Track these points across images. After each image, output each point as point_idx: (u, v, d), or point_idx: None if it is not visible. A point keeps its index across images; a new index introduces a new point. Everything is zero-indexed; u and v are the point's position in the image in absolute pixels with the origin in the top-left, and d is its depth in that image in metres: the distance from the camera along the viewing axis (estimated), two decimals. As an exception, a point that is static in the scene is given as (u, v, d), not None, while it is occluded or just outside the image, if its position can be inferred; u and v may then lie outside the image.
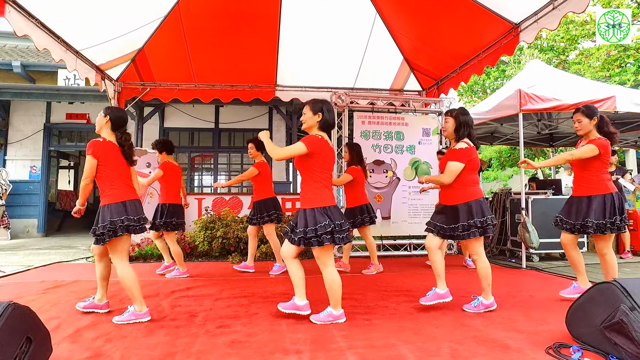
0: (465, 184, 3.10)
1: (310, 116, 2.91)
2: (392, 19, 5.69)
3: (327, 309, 2.86)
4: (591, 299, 2.26)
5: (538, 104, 5.15)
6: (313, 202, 2.81)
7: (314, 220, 2.75)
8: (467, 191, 3.09)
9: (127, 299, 3.51)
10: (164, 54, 6.12)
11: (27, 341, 1.77)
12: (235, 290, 3.78)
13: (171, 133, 9.45)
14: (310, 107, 2.93)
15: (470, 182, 3.12)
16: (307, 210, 2.81)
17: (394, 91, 7.14)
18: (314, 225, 2.73)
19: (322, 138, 2.88)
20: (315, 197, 2.81)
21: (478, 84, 14.25)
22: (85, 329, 2.71)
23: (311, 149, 2.80)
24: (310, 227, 2.74)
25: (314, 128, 2.93)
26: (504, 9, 4.47)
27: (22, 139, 9.31)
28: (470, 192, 3.09)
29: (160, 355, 2.26)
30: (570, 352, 2.18)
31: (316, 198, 2.81)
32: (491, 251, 5.98)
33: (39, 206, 9.25)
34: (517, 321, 2.85)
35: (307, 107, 2.95)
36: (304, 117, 2.95)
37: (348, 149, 4.83)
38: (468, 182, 3.11)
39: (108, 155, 2.90)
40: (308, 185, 2.86)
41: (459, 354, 2.26)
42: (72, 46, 4.99)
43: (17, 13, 3.85)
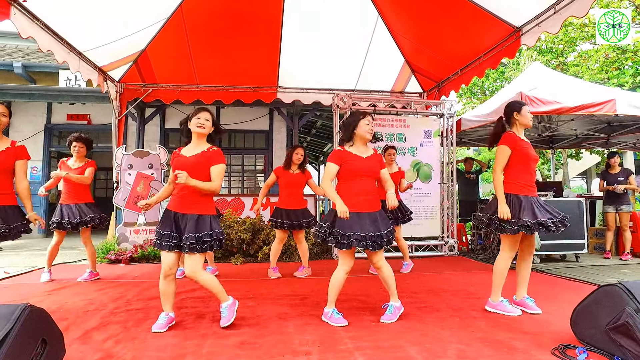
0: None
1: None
2: (394, 21, 5.73)
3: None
4: (596, 301, 2.30)
5: (539, 106, 5.19)
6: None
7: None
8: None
9: (135, 301, 3.54)
10: (166, 56, 6.15)
11: (42, 343, 1.79)
12: (241, 292, 3.80)
13: (172, 134, 9.45)
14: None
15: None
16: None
17: (395, 93, 7.18)
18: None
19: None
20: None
21: (477, 86, 14.32)
22: (94, 331, 2.72)
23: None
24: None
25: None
26: (506, 12, 4.52)
27: (23, 140, 9.28)
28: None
29: (170, 356, 2.28)
30: (575, 353, 2.21)
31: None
32: (492, 253, 6.01)
33: (40, 207, 9.22)
34: (521, 323, 2.88)
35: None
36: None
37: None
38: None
39: None
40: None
41: (466, 355, 2.29)
42: (76, 48, 5.01)
43: (21, 15, 3.87)
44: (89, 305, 3.38)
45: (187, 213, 2.74)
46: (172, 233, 2.69)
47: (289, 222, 4.44)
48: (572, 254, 5.73)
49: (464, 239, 7.08)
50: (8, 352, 1.55)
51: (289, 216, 4.46)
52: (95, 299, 3.61)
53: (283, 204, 4.51)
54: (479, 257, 6.10)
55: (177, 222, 2.73)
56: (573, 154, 12.25)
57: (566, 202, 5.55)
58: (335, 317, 2.88)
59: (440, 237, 6.38)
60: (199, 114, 2.84)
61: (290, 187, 4.51)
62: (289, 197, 4.52)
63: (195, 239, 2.67)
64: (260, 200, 4.53)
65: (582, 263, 5.58)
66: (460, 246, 6.65)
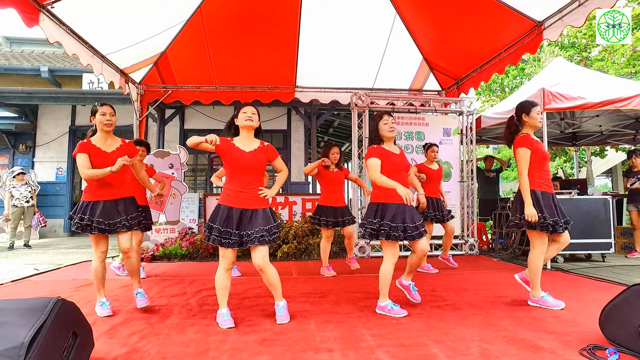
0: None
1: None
2: (412, 19, 5.68)
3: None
4: (627, 300, 2.23)
5: (562, 102, 5.06)
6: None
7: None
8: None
9: (157, 298, 3.61)
10: (186, 57, 6.25)
11: (73, 335, 1.85)
12: (261, 290, 3.84)
13: (191, 134, 9.58)
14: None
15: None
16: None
17: (413, 91, 7.12)
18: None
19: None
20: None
21: (497, 83, 14.05)
22: (119, 326, 2.79)
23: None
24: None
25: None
26: (527, 7, 4.42)
27: (49, 142, 9.61)
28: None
29: (194, 352, 2.32)
30: (606, 354, 2.15)
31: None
32: (513, 252, 5.90)
33: (65, 206, 9.53)
34: (546, 322, 2.82)
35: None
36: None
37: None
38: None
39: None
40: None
41: (490, 353, 2.25)
42: (99, 51, 5.14)
43: (50, 21, 4.00)
44: (113, 302, 3.46)
45: (253, 208, 2.81)
46: (232, 230, 2.76)
47: (333, 220, 4.48)
48: (598, 254, 5.58)
49: (484, 238, 6.96)
50: (43, 343, 1.61)
51: (342, 213, 4.52)
52: (120, 295, 3.70)
53: (326, 202, 4.55)
54: (499, 256, 6.00)
55: (239, 218, 2.78)
56: (597, 151, 11.88)
57: (591, 201, 5.40)
58: (395, 309, 2.99)
59: (460, 236, 6.30)
60: (244, 108, 2.92)
61: (332, 185, 4.56)
62: (332, 195, 4.56)
63: (265, 232, 2.76)
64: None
65: (609, 263, 5.42)
66: (480, 245, 6.55)
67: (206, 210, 6.75)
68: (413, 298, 3.26)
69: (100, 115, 3.03)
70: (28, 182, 7.95)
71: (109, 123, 3.05)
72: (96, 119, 3.05)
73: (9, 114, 9.19)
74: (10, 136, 9.54)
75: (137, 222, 3.18)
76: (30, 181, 8.32)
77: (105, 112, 3.04)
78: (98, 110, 3.05)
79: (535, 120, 3.24)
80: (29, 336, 1.59)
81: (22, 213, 7.69)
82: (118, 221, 3.03)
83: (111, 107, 3.11)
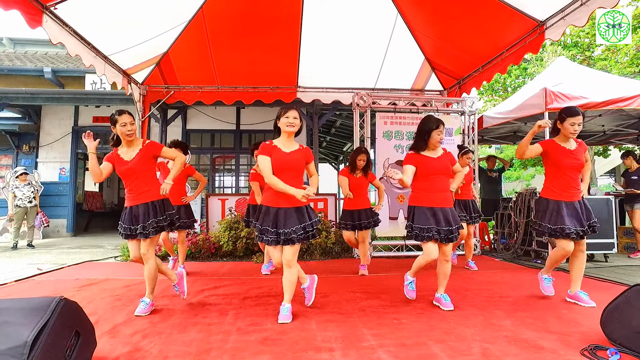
0: None
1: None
2: (414, 19, 5.67)
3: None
4: (628, 301, 2.23)
5: (564, 102, 5.05)
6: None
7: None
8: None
9: (160, 298, 3.62)
10: (188, 58, 6.26)
11: (75, 334, 1.86)
12: (263, 290, 3.85)
13: (193, 134, 9.64)
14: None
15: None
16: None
17: (415, 91, 7.11)
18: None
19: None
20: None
21: (499, 83, 14.02)
22: (122, 325, 2.81)
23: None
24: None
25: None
26: (529, 6, 4.41)
27: (52, 142, 9.65)
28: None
29: (196, 351, 2.34)
30: (607, 354, 2.15)
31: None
32: (516, 252, 5.89)
33: (68, 207, 9.58)
34: (547, 322, 2.82)
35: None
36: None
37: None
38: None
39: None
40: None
41: (491, 353, 2.25)
42: (101, 52, 5.15)
43: (53, 22, 4.02)
44: (116, 301, 3.49)
45: (293, 206, 2.91)
46: (271, 229, 2.87)
47: (352, 223, 4.59)
48: (601, 254, 5.56)
49: (486, 238, 6.95)
50: (46, 342, 1.62)
51: (359, 216, 4.60)
52: (122, 295, 3.72)
53: (350, 206, 4.63)
54: (501, 256, 5.99)
55: (282, 216, 2.89)
56: (600, 151, 11.84)
57: (594, 201, 5.39)
58: (445, 302, 3.17)
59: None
60: (287, 113, 2.96)
61: (355, 190, 4.63)
62: (355, 199, 4.62)
63: (311, 226, 2.94)
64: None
65: (611, 263, 5.40)
66: (482, 245, 6.54)
67: (208, 210, 6.77)
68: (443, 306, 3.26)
69: (121, 127, 3.06)
70: (31, 183, 7.99)
71: (130, 133, 3.09)
72: (117, 129, 3.08)
73: (13, 115, 9.24)
74: (13, 137, 9.59)
75: (154, 228, 3.05)
76: (33, 181, 8.36)
77: (126, 123, 3.07)
78: (118, 121, 3.06)
79: (567, 130, 3.26)
80: (32, 335, 1.60)
81: (25, 213, 7.73)
82: (135, 228, 3.05)
83: (130, 115, 3.13)
